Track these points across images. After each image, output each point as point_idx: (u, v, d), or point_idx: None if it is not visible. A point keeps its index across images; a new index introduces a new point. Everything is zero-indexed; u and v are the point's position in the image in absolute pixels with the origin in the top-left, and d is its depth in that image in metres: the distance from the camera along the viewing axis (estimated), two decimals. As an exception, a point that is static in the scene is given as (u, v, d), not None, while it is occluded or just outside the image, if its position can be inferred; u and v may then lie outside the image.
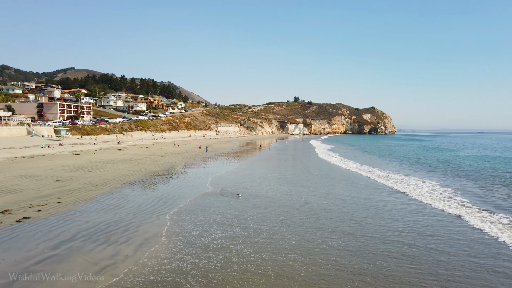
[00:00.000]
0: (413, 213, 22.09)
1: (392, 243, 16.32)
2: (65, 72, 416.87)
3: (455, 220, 20.53)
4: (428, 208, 23.46)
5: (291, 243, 16.07)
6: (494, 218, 20.64)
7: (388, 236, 17.38)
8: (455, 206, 23.78)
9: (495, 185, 33.52)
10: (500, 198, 27.41)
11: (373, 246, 15.90)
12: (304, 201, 25.06)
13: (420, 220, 20.49)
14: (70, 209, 21.16)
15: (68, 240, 15.74)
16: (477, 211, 22.57)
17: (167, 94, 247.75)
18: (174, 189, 28.79)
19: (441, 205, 24.23)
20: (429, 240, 16.78)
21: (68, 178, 31.67)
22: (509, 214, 21.87)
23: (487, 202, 25.77)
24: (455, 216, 21.26)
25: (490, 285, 12.27)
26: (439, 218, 21.02)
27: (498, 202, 25.88)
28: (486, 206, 24.24)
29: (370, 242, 16.45)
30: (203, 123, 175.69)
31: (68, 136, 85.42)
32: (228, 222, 19.30)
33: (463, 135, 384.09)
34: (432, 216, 21.38)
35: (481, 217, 20.86)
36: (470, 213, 21.98)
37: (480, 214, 21.62)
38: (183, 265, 13.33)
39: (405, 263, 14.00)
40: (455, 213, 21.97)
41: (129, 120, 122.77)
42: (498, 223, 19.69)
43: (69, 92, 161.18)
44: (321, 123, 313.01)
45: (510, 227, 18.78)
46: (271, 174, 40.01)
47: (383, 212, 22.41)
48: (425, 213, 22.11)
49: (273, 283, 12.16)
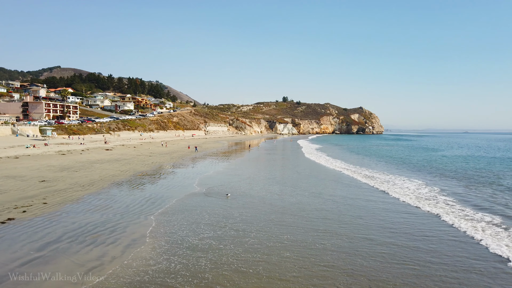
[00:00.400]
0: (400, 213, 22.41)
1: (385, 244, 16.53)
2: (51, 71, 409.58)
3: (438, 219, 20.89)
4: (414, 209, 23.82)
5: (282, 243, 16.13)
6: (477, 216, 21.08)
7: (380, 236, 17.59)
8: (440, 206, 24.21)
9: (478, 184, 34.16)
10: (482, 197, 27.95)
11: (366, 246, 16.08)
12: (294, 201, 25.17)
13: (410, 220, 20.80)
14: (56, 210, 20.87)
15: (54, 242, 15.53)
16: (466, 211, 23.01)
17: (155, 93, 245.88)
18: (162, 189, 28.63)
19: (427, 204, 24.64)
20: (420, 242, 17.05)
21: (54, 178, 31.21)
22: (491, 213, 22.36)
23: (469, 201, 26.26)
24: (436, 215, 21.63)
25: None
26: (423, 217, 21.38)
27: (479, 201, 26.38)
28: (470, 205, 24.72)
29: (363, 242, 16.62)
30: (191, 123, 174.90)
31: (54, 136, 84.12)
32: (216, 222, 19.27)
33: (448, 135, 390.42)
34: (418, 216, 21.73)
35: (465, 217, 21.31)
36: (458, 214, 22.40)
37: (463, 213, 22.08)
38: (171, 266, 13.27)
39: (399, 263, 14.19)
40: (438, 212, 22.35)
41: (117, 120, 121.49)
42: (480, 221, 20.13)
43: (55, 91, 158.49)
44: (310, 123, 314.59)
45: (492, 226, 19.21)
46: (260, 174, 40.07)
47: (374, 212, 22.66)
48: (412, 213, 22.46)
49: (265, 283, 12.20)
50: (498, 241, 16.56)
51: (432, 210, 22.68)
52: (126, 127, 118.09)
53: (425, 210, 22.93)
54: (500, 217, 20.99)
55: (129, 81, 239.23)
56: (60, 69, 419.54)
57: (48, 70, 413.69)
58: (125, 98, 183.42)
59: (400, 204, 24.86)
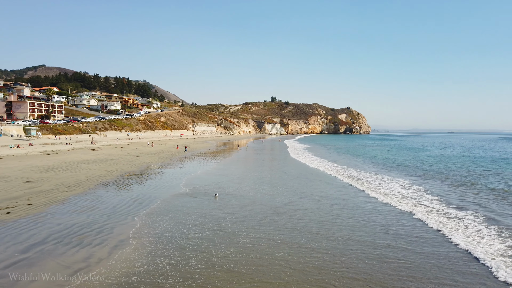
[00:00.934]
0: (389, 213, 22.72)
1: (375, 245, 16.72)
2: (35, 70, 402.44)
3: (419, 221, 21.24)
4: (395, 209, 24.17)
5: (276, 242, 16.16)
6: (459, 215, 21.51)
7: (370, 237, 17.80)
8: (426, 204, 24.64)
9: (460, 183, 34.82)
10: (467, 197, 28.49)
11: (358, 247, 16.25)
12: (285, 201, 25.25)
13: (401, 221, 21.10)
14: (41, 211, 20.53)
15: (39, 243, 15.28)
16: (449, 210, 23.45)
17: (143, 93, 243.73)
18: (150, 189, 28.40)
19: (420, 212, 25.01)
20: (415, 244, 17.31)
21: (39, 179, 30.68)
22: (477, 212, 22.82)
23: (453, 201, 26.76)
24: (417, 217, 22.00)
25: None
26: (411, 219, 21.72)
27: (463, 201, 26.89)
28: (452, 205, 25.19)
29: (355, 244, 16.80)
30: (179, 122, 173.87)
31: (39, 136, 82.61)
32: (204, 222, 19.19)
33: (434, 135, 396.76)
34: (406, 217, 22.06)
35: (447, 216, 21.72)
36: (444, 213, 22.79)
37: (446, 212, 22.51)
38: (160, 266, 13.16)
39: (393, 263, 14.37)
40: (424, 212, 22.72)
41: (103, 120, 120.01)
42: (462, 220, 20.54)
43: (39, 91, 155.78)
44: (298, 123, 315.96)
45: (476, 224, 19.63)
46: (248, 174, 40.08)
47: (364, 212, 22.91)
48: (399, 213, 22.79)
49: (258, 281, 12.21)
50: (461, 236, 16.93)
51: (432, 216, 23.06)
52: (112, 127, 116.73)
53: (418, 214, 23.28)
54: (483, 217, 21.44)
55: (115, 81, 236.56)
56: (45, 68, 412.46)
57: (33, 69, 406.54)
58: (112, 97, 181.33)
59: (390, 205, 25.18)
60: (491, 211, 22.82)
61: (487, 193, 29.64)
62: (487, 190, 31.17)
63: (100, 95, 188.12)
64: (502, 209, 23.50)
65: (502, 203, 25.44)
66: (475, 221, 20.07)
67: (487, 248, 15.63)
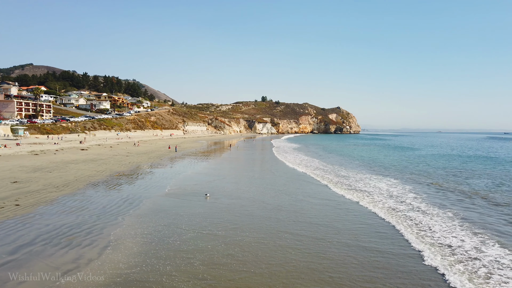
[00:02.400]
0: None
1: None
2: (23, 68, 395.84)
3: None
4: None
5: (277, 243, 16.22)
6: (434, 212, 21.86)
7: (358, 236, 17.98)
8: (408, 201, 24.98)
9: (447, 182, 35.37)
10: (452, 195, 28.95)
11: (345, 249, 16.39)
12: (278, 203, 25.34)
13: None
14: (29, 211, 20.24)
15: (27, 244, 15.08)
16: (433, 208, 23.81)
17: (132, 92, 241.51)
18: (140, 189, 28.20)
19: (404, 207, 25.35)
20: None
21: (27, 179, 30.23)
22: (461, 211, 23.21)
23: (438, 199, 27.16)
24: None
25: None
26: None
27: (448, 200, 27.32)
28: (437, 203, 25.58)
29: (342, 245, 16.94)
30: (170, 122, 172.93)
31: (27, 136, 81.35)
32: (196, 222, 19.16)
33: (423, 134, 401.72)
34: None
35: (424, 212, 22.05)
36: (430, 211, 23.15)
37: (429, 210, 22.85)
38: (150, 267, 13.12)
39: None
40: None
41: (92, 119, 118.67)
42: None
43: (27, 90, 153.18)
44: (289, 123, 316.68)
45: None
46: (240, 174, 40.09)
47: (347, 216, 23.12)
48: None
49: (269, 278, 12.22)
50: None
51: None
52: (102, 126, 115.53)
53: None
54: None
55: (105, 80, 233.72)
56: (32, 67, 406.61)
57: (20, 68, 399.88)
58: (101, 96, 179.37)
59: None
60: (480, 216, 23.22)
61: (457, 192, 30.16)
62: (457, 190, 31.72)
63: (89, 94, 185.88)
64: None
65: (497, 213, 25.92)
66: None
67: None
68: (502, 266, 13.89)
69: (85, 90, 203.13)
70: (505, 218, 21.35)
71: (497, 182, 35.96)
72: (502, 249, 15.74)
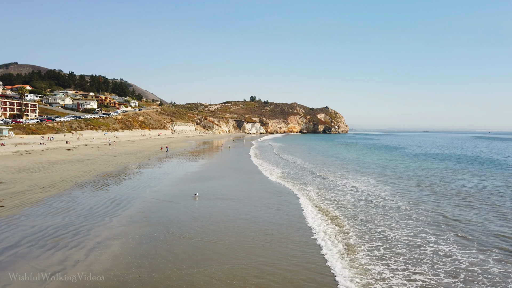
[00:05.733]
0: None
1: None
2: (7, 67, 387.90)
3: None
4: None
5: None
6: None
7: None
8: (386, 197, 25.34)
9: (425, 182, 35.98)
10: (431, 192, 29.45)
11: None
12: (273, 202, 25.43)
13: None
14: (14, 213, 19.92)
15: (12, 246, 14.85)
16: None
17: (120, 91, 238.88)
18: (127, 190, 27.97)
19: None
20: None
21: (12, 180, 29.72)
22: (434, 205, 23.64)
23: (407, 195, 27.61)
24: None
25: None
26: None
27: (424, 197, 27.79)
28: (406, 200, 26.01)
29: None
30: (158, 122, 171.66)
31: (11, 136, 79.85)
32: (189, 222, 19.13)
33: (410, 134, 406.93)
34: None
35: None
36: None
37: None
38: (135, 269, 13.06)
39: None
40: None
41: (79, 119, 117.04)
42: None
43: (11, 89, 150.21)
44: (278, 123, 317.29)
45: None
46: (229, 174, 40.07)
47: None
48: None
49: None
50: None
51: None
52: (89, 126, 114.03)
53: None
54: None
55: (91, 79, 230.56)
56: (17, 66, 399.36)
57: (4, 67, 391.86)
58: (88, 96, 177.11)
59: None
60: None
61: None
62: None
63: (75, 93, 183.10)
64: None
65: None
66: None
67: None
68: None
69: (71, 89, 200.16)
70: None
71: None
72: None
